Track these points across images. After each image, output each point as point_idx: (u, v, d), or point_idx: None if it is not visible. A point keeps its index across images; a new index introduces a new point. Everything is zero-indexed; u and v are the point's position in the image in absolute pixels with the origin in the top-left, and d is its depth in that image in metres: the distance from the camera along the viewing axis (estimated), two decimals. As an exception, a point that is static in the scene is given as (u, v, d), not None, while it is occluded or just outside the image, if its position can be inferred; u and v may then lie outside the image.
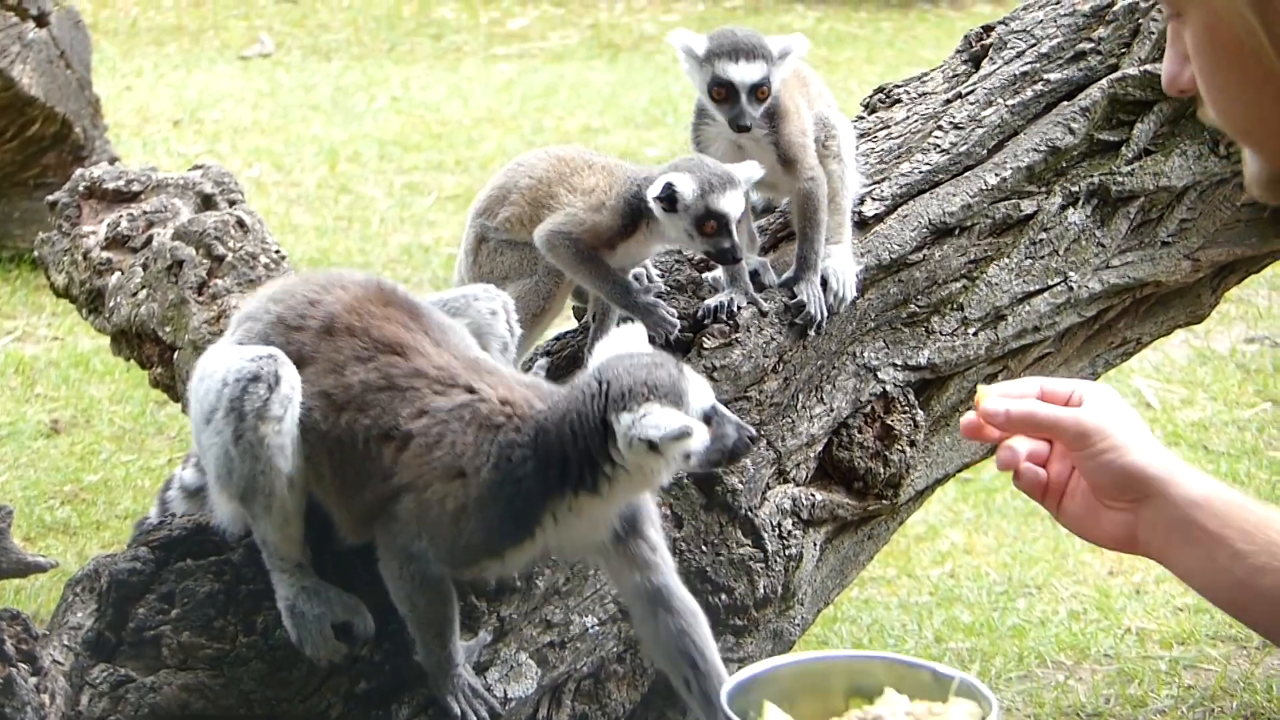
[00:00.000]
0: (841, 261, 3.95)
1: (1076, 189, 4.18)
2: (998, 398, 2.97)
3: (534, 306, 3.88)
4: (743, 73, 3.83)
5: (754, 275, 3.99)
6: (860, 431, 4.00)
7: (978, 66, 4.40)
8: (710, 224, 3.68)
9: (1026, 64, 4.27)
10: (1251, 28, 2.20)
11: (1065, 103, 4.22)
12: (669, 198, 3.67)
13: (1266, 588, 2.68)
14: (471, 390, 3.24)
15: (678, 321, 3.81)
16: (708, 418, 3.11)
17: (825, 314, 3.91)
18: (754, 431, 3.23)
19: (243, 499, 3.31)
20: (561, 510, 3.19)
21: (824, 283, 3.92)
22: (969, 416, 2.99)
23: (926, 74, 4.53)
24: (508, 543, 3.21)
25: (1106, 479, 2.88)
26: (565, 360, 4.00)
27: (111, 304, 5.77)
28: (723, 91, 3.86)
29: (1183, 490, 2.79)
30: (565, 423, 3.13)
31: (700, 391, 3.12)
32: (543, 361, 3.97)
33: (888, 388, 4.02)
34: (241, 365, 3.24)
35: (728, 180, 3.69)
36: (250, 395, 3.21)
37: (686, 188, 3.66)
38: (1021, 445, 2.99)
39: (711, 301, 3.88)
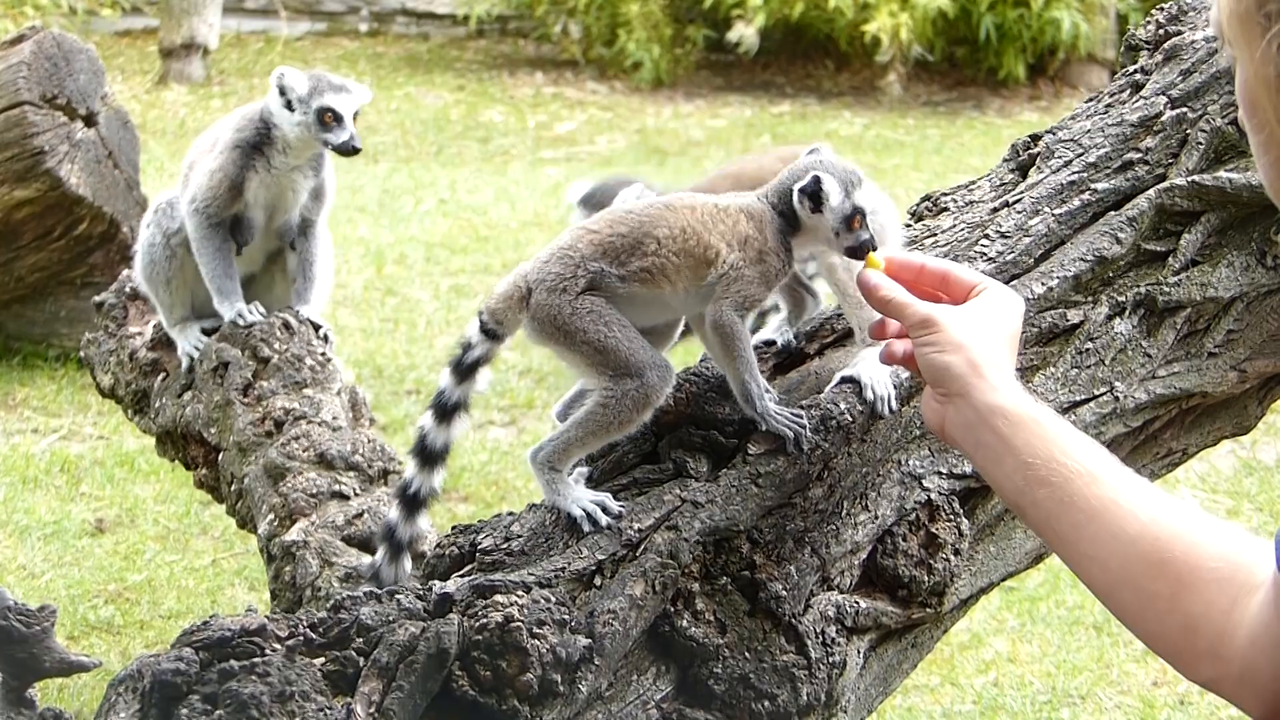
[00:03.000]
0: (874, 365, 3.87)
1: (1123, 299, 4.17)
2: (881, 273, 3.34)
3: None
4: None
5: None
6: (905, 539, 3.98)
7: (1025, 175, 4.40)
8: (856, 219, 3.75)
9: (1074, 173, 4.28)
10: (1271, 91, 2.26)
11: (1112, 212, 4.22)
12: (814, 195, 3.76)
13: (1039, 499, 2.94)
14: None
15: (804, 428, 3.80)
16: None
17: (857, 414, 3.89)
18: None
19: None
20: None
21: (860, 389, 3.91)
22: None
23: (973, 182, 4.53)
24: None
25: (924, 368, 3.17)
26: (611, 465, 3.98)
27: (157, 405, 5.80)
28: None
29: (984, 396, 3.04)
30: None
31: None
32: (585, 470, 3.91)
33: (932, 496, 4.00)
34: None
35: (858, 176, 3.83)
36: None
37: (833, 188, 3.76)
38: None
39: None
